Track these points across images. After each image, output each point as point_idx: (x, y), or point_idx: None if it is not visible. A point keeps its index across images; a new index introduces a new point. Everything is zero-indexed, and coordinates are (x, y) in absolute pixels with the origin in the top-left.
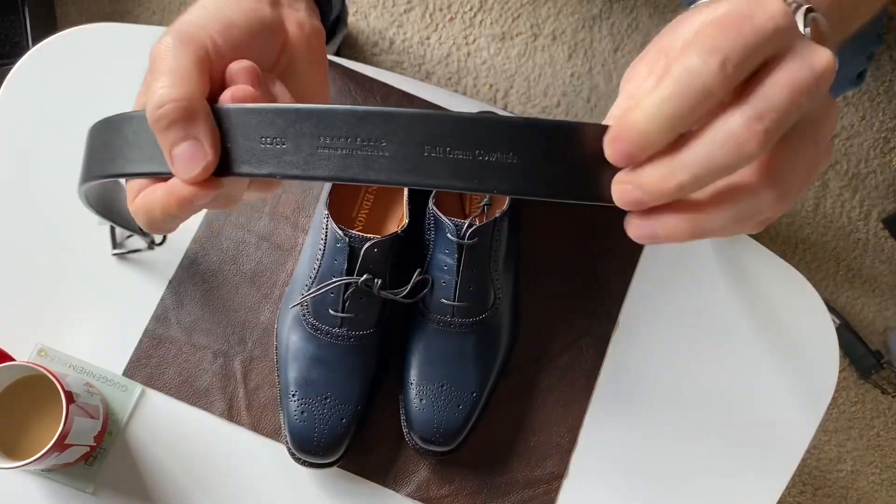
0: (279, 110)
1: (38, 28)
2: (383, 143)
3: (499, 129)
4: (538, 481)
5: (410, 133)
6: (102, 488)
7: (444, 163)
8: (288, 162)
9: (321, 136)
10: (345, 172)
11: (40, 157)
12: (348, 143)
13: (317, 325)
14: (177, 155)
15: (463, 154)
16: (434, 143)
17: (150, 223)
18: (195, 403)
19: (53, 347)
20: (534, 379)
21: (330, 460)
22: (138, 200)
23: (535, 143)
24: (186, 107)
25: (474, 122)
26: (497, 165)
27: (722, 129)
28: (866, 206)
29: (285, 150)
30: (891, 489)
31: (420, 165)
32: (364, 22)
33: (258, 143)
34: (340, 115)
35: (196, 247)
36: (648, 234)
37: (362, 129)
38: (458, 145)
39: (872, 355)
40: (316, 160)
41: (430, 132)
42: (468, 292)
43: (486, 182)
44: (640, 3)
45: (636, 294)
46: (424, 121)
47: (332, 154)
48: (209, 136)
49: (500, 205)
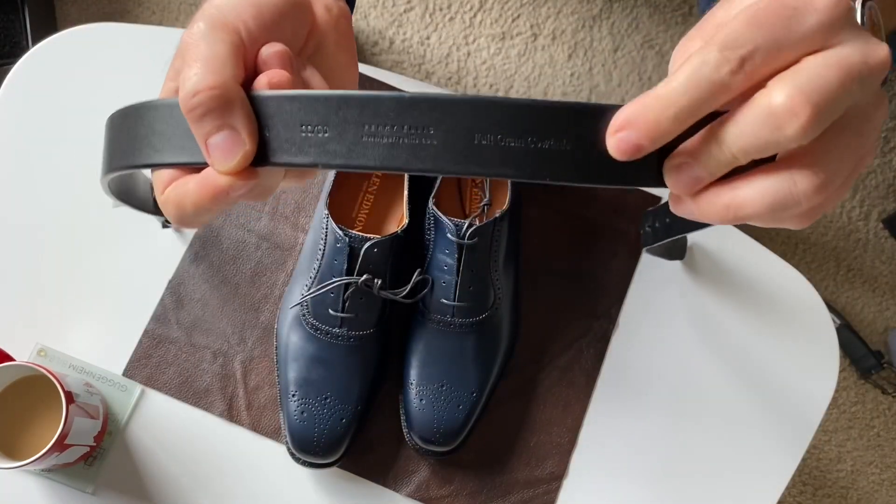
0: (322, 97)
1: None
2: (431, 131)
3: (551, 116)
4: (538, 481)
5: (459, 120)
6: (102, 488)
7: (495, 151)
8: (331, 151)
9: (366, 125)
10: (392, 162)
11: (41, 157)
12: (394, 132)
13: (317, 325)
14: (213, 145)
15: (515, 142)
16: (484, 131)
17: (181, 217)
18: (195, 403)
19: (53, 347)
20: (534, 379)
21: (330, 460)
22: (169, 192)
23: (589, 128)
24: (222, 95)
25: (526, 108)
26: (550, 152)
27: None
28: (866, 206)
29: (328, 138)
30: (891, 489)
31: (470, 154)
32: (364, 22)
33: (298, 132)
34: (386, 103)
35: (196, 247)
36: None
37: (409, 116)
38: (510, 133)
39: (873, 355)
40: (361, 149)
41: (479, 119)
42: (468, 292)
43: (541, 170)
44: (640, 2)
45: (636, 294)
46: (473, 107)
47: (377, 143)
48: (247, 124)
49: (500, 205)
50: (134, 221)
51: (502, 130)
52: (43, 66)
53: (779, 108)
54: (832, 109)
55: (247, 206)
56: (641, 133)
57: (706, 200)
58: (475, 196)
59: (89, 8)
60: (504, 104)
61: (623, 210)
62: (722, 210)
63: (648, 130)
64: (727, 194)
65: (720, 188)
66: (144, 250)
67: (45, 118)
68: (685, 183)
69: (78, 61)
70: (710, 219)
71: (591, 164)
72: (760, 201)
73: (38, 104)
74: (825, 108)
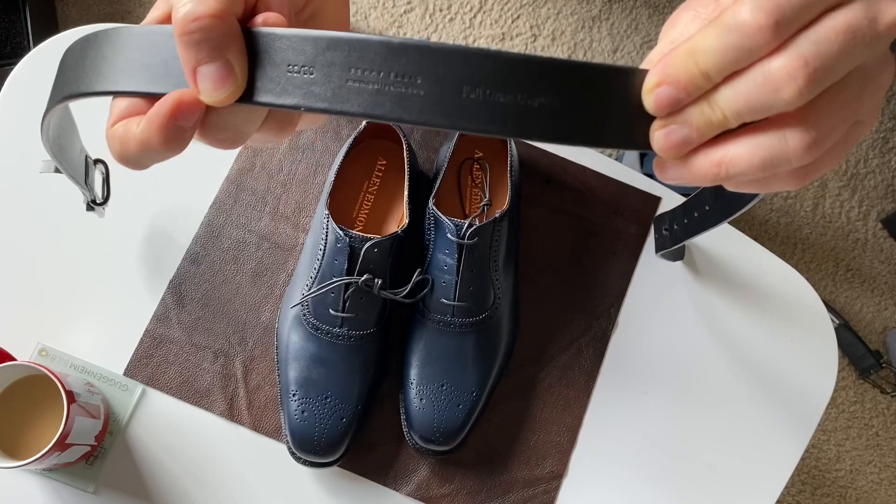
0: (311, 37)
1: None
2: (418, 80)
3: (545, 72)
4: (538, 480)
5: (448, 71)
6: (103, 487)
7: (484, 105)
8: (315, 93)
9: (352, 68)
10: (375, 109)
11: (40, 157)
12: (381, 78)
13: (317, 324)
14: (203, 73)
15: (504, 97)
16: (473, 84)
17: (124, 153)
18: (196, 403)
19: (54, 347)
20: (534, 379)
21: (330, 460)
22: (117, 127)
23: (583, 87)
24: (222, 24)
25: (519, 63)
26: (540, 111)
27: (762, 69)
28: (865, 207)
29: (313, 80)
30: (889, 488)
31: (457, 107)
32: (364, 22)
33: (284, 71)
34: (374, 47)
35: (197, 247)
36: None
37: (397, 62)
38: (500, 87)
39: (872, 355)
40: (345, 93)
41: (469, 71)
42: (468, 292)
43: (527, 128)
44: (639, 3)
45: (636, 294)
46: (464, 58)
47: (362, 88)
48: (240, 59)
49: (500, 205)
50: (134, 221)
51: (492, 84)
52: (44, 67)
53: (777, 72)
54: (830, 74)
55: (248, 207)
56: (680, 87)
57: (696, 160)
58: (475, 196)
59: (90, 9)
60: (496, 57)
61: (623, 210)
62: (712, 167)
63: (686, 84)
64: (717, 152)
65: (709, 147)
66: (145, 250)
67: None
68: (673, 144)
69: None
70: (699, 179)
71: (580, 124)
72: (750, 157)
73: (39, 104)
74: (823, 72)
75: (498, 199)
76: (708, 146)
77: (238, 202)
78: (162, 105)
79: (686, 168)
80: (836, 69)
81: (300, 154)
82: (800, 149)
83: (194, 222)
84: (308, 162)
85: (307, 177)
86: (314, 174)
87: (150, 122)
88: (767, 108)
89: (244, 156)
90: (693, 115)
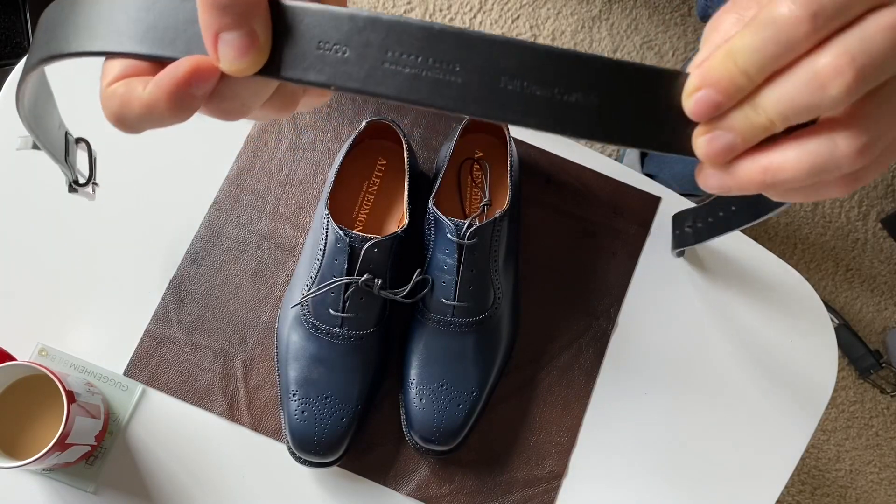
0: (347, 15)
1: None
2: (456, 68)
3: (584, 68)
4: (538, 480)
5: (487, 60)
6: (103, 487)
7: (520, 97)
8: (347, 73)
9: (389, 51)
10: (410, 94)
11: (41, 158)
12: (418, 63)
13: (317, 324)
14: (225, 40)
15: (541, 90)
16: (511, 75)
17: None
18: (196, 403)
19: (54, 347)
20: (534, 378)
21: (330, 459)
22: (117, 87)
23: (622, 86)
24: None
25: (558, 57)
26: (576, 106)
27: (807, 67)
28: (865, 207)
29: (346, 59)
30: (889, 488)
31: (493, 97)
32: None
33: (314, 48)
34: (415, 31)
35: (197, 247)
36: (723, 186)
37: (436, 48)
38: (538, 80)
39: (871, 355)
40: (380, 75)
41: (508, 62)
42: (468, 292)
43: (563, 123)
44: (639, 3)
45: (636, 294)
46: (504, 48)
47: (398, 71)
48: (266, 29)
49: (500, 205)
50: (135, 221)
51: (530, 77)
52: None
53: (823, 69)
54: (878, 71)
55: (248, 207)
56: (721, 89)
57: (740, 167)
58: (475, 196)
59: None
60: (536, 49)
61: (623, 210)
62: (758, 175)
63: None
64: (763, 158)
65: (755, 154)
66: (145, 250)
67: None
68: (717, 151)
69: (78, 62)
70: (744, 187)
71: (617, 122)
72: (798, 164)
73: None
74: (871, 69)
75: (498, 199)
76: (753, 152)
77: (238, 202)
78: (175, 70)
79: (730, 175)
80: (884, 67)
81: (300, 154)
82: (850, 153)
83: (194, 222)
84: (308, 162)
85: (307, 177)
86: (314, 174)
87: (159, 86)
88: (814, 108)
89: (244, 156)
90: (737, 119)
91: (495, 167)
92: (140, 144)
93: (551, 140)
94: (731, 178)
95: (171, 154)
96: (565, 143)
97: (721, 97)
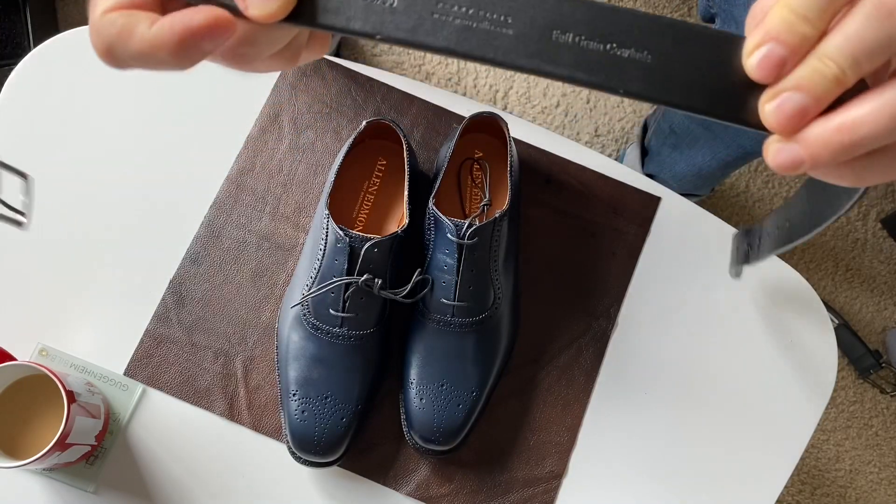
0: None
1: (40, 29)
2: (509, 20)
3: (638, 23)
4: (538, 480)
5: (540, 13)
6: (104, 487)
7: (572, 51)
8: (394, 22)
9: (440, 2)
10: (460, 46)
11: (42, 158)
12: (469, 15)
13: (317, 324)
14: None
15: (594, 44)
16: (564, 28)
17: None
18: (196, 403)
19: (55, 347)
20: (534, 378)
21: (330, 459)
22: (116, 17)
23: (676, 45)
24: None
25: (613, 11)
26: (629, 62)
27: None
28: (865, 206)
29: (393, 8)
30: (889, 488)
31: (544, 50)
32: None
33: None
34: None
35: (197, 246)
36: (796, 159)
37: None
38: (591, 33)
39: (871, 355)
40: (429, 26)
41: (562, 15)
42: (468, 292)
43: (613, 79)
44: (639, 3)
45: (636, 294)
46: (557, 1)
47: (448, 22)
48: None
49: (500, 205)
50: (135, 221)
51: (583, 30)
52: (44, 67)
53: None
54: None
55: (248, 207)
56: (781, 40)
57: (812, 131)
58: (475, 196)
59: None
60: (590, 3)
61: (623, 210)
62: (834, 135)
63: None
64: (837, 117)
65: (828, 115)
66: (145, 250)
67: (46, 119)
68: (788, 115)
69: (79, 62)
70: (818, 157)
71: (670, 83)
72: (878, 115)
73: (39, 105)
74: None
75: (498, 199)
76: (825, 114)
77: (238, 202)
78: (191, 18)
79: (802, 144)
80: None
81: (300, 154)
82: None
83: (194, 222)
84: (308, 162)
85: (307, 177)
86: (314, 174)
87: (170, 30)
88: (885, 43)
89: (244, 156)
90: (803, 75)
91: (495, 167)
92: (140, 144)
93: (551, 140)
94: (804, 146)
95: (171, 154)
96: (565, 143)
97: (784, 50)
